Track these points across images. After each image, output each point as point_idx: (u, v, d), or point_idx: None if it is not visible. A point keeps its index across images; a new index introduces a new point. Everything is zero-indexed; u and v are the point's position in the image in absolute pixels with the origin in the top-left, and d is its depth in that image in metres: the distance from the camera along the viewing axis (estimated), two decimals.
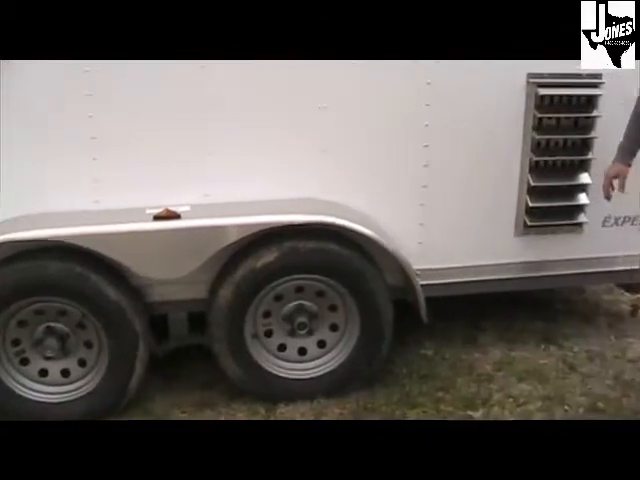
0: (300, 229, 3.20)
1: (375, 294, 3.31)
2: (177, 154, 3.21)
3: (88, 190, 3.21)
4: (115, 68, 3.06)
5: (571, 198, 3.72)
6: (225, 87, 3.18)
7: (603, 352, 3.93)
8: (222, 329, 3.25)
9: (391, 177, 3.43)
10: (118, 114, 3.14)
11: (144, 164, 3.20)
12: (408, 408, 3.37)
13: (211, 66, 3.11)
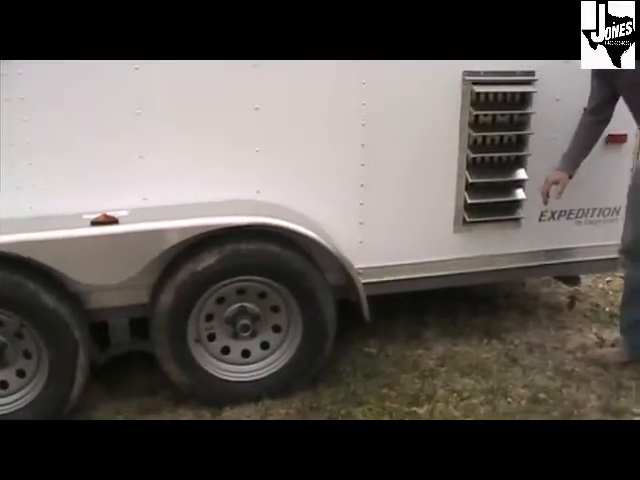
0: (240, 231, 3.19)
1: (317, 294, 3.32)
2: (112, 158, 3.15)
3: (23, 196, 3.13)
4: (49, 70, 3.00)
5: (508, 194, 3.78)
6: (159, 89, 3.14)
7: (543, 344, 4.00)
8: (164, 334, 3.21)
9: (329, 177, 3.44)
10: (53, 118, 3.07)
11: (80, 169, 3.14)
12: (353, 406, 3.38)
13: (145, 67, 3.07)
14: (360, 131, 3.41)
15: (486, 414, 3.37)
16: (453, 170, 3.63)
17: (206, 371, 3.36)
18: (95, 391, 3.40)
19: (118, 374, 3.54)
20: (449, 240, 3.73)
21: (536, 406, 3.44)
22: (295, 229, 3.22)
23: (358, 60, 3.27)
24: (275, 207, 3.33)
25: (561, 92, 3.68)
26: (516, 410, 3.41)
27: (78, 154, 3.13)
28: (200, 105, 3.20)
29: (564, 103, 3.70)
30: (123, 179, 3.18)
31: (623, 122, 3.78)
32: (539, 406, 3.44)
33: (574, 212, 3.94)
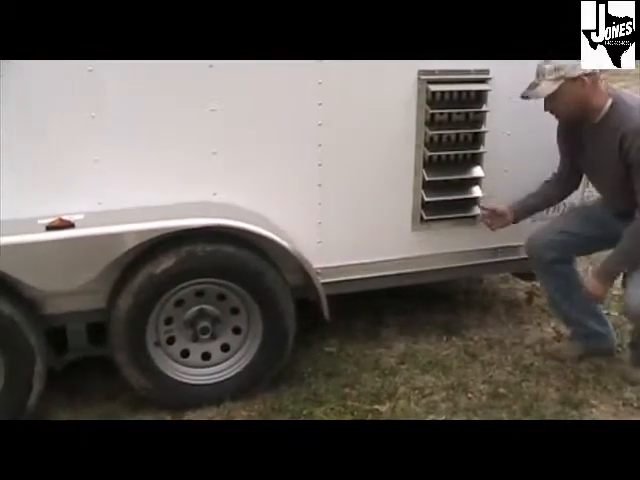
0: (198, 233, 3.17)
1: (276, 294, 3.31)
2: (66, 162, 3.11)
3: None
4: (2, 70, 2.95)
5: (465, 191, 3.81)
6: (113, 90, 3.10)
7: (502, 339, 4.04)
8: (123, 338, 3.18)
9: (286, 177, 3.43)
10: (5, 120, 3.02)
11: (33, 173, 3.09)
12: (315, 406, 3.38)
13: (99, 69, 3.03)
14: (317, 131, 3.41)
15: (447, 410, 3.40)
16: (410, 168, 3.64)
17: (166, 375, 3.34)
18: (53, 398, 3.35)
19: (76, 380, 3.50)
20: (407, 238, 3.74)
21: (496, 401, 3.48)
22: (252, 230, 3.21)
23: (314, 60, 3.27)
24: (232, 208, 3.31)
25: (515, 90, 3.70)
26: (477, 405, 3.45)
27: (31, 158, 3.08)
28: (155, 107, 3.17)
29: (518, 101, 3.72)
30: (78, 183, 3.14)
31: None
32: (499, 401, 3.48)
33: None
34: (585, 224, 3.66)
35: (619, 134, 3.24)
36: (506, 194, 3.80)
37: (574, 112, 3.36)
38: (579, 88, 3.26)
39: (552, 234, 3.67)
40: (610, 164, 3.35)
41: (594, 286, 3.42)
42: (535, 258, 3.76)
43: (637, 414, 3.40)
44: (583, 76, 3.24)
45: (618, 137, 3.25)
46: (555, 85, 3.25)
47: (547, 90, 3.27)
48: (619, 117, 3.28)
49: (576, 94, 3.27)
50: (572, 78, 3.23)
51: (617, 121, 3.28)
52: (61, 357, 3.28)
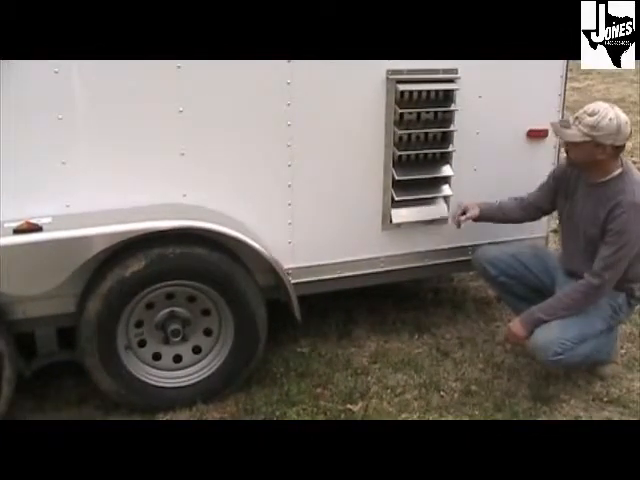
0: (167, 235, 3.16)
1: (247, 296, 3.30)
2: (34, 164, 3.07)
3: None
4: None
5: (435, 190, 3.82)
6: (80, 92, 3.06)
7: (473, 337, 4.06)
8: (93, 343, 3.15)
9: (256, 178, 3.42)
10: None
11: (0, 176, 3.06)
12: (288, 407, 3.38)
13: (65, 69, 2.99)
14: (286, 131, 3.40)
15: (420, 408, 3.42)
16: (380, 168, 3.65)
17: (137, 378, 3.32)
18: (23, 404, 3.32)
19: (47, 385, 3.47)
20: (378, 238, 3.75)
21: (468, 398, 3.51)
22: (222, 231, 3.20)
23: (282, 60, 3.27)
24: (202, 210, 3.30)
25: (483, 89, 3.74)
26: (449, 403, 3.47)
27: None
28: (122, 108, 3.14)
29: (486, 100, 3.76)
30: (45, 186, 3.10)
31: (543, 117, 3.87)
32: (471, 398, 3.51)
33: None
34: (536, 261, 3.75)
35: (614, 201, 3.29)
36: (475, 192, 3.83)
37: (583, 165, 3.40)
38: (600, 153, 3.29)
39: (501, 253, 3.77)
40: (590, 223, 3.40)
41: (518, 329, 3.44)
42: (479, 270, 3.90)
43: (607, 408, 3.45)
44: (609, 146, 3.27)
45: (612, 203, 3.30)
46: (581, 138, 3.26)
47: (572, 138, 3.30)
48: (622, 186, 3.33)
49: (593, 156, 3.31)
50: (599, 143, 3.26)
51: (618, 189, 3.32)
52: (30, 362, 3.25)
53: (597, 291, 3.35)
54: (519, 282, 3.74)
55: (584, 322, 3.38)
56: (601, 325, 3.45)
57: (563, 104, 3.98)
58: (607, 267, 3.32)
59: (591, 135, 3.24)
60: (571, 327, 3.34)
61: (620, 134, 3.25)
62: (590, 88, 10.73)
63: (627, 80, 11.11)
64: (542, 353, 3.34)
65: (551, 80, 3.91)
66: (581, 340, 3.34)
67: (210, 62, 3.15)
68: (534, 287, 3.73)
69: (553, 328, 3.34)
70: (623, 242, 3.28)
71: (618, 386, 3.61)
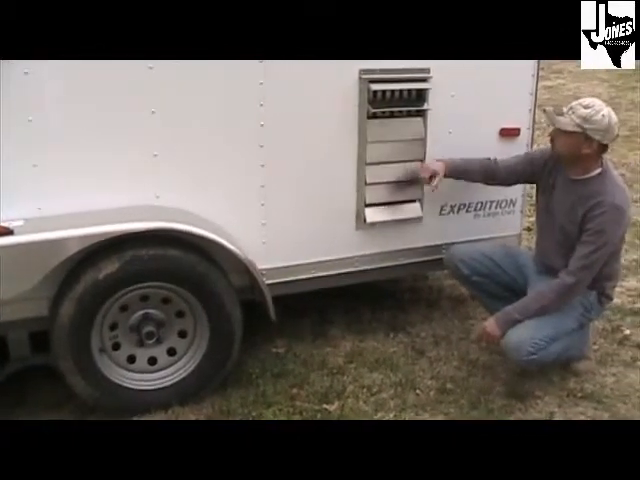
0: (141, 237, 3.14)
1: (221, 297, 3.29)
2: (4, 167, 3.01)
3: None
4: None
5: (408, 190, 3.83)
6: (51, 93, 3.04)
7: (448, 335, 4.08)
8: (67, 346, 3.13)
9: (229, 179, 3.41)
10: None
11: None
12: (264, 408, 3.38)
13: (35, 70, 2.96)
14: (259, 132, 3.40)
15: (396, 407, 3.42)
16: (353, 168, 3.66)
17: (112, 381, 3.29)
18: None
19: (22, 390, 3.44)
20: (352, 237, 3.76)
21: (444, 396, 3.52)
22: (195, 232, 3.19)
23: (255, 60, 3.27)
24: (175, 211, 3.29)
25: (456, 88, 3.76)
26: (425, 401, 3.48)
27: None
28: (95, 110, 3.12)
29: (459, 99, 3.78)
30: (16, 188, 3.06)
31: (515, 116, 3.91)
32: (447, 396, 3.52)
33: (473, 205, 4.03)
34: (508, 260, 3.78)
35: (594, 200, 3.33)
36: (448, 192, 3.85)
37: (566, 157, 3.43)
38: (586, 147, 3.32)
39: (473, 252, 3.79)
40: (568, 218, 3.45)
41: (493, 329, 3.46)
42: (451, 270, 3.92)
43: (581, 404, 3.47)
44: (596, 142, 3.30)
45: (592, 202, 3.33)
46: (572, 128, 3.29)
47: (564, 126, 3.32)
48: (602, 187, 3.37)
49: (579, 149, 3.34)
50: (588, 137, 3.29)
51: (598, 189, 3.36)
52: (4, 368, 3.22)
53: (571, 290, 3.39)
54: (492, 281, 3.76)
55: (556, 321, 3.42)
56: (573, 323, 3.49)
57: (535, 103, 4.01)
58: (583, 267, 3.35)
59: (582, 127, 3.27)
60: (544, 326, 3.37)
61: (609, 132, 3.30)
62: (561, 87, 10.80)
63: (598, 79, 11.20)
64: (515, 353, 3.37)
65: (523, 79, 3.94)
66: (553, 339, 3.38)
67: (182, 62, 3.13)
68: (507, 285, 3.75)
69: (526, 328, 3.37)
70: (601, 242, 3.32)
71: (592, 382, 3.64)
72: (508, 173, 3.76)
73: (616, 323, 4.19)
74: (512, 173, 3.76)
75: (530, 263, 3.74)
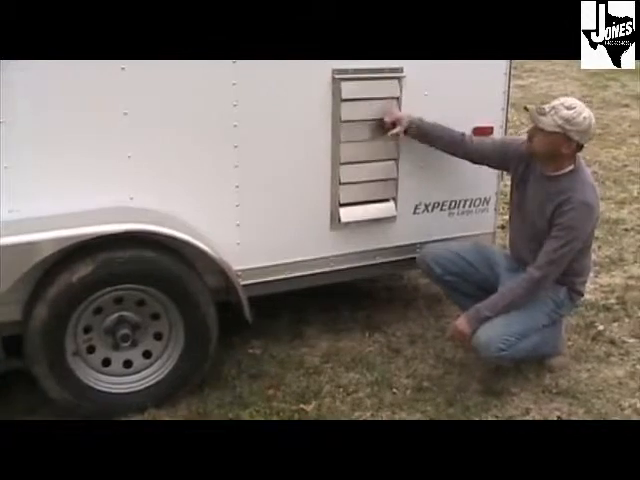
0: (115, 239, 3.11)
1: (197, 298, 3.28)
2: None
3: None
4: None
5: (382, 190, 3.85)
6: (22, 94, 3.00)
7: (424, 334, 4.09)
8: (40, 350, 3.10)
9: (203, 179, 3.39)
10: None
11: None
12: (241, 409, 3.38)
13: (6, 69, 2.91)
14: (232, 132, 3.39)
15: (373, 406, 3.44)
16: (327, 168, 3.66)
17: (87, 385, 3.27)
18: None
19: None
20: (327, 237, 3.76)
21: (421, 394, 3.54)
22: (170, 233, 3.17)
23: (228, 61, 3.26)
24: (150, 213, 3.27)
25: (429, 87, 3.77)
26: (402, 400, 3.50)
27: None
28: (67, 111, 3.09)
29: (432, 98, 3.79)
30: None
31: (488, 115, 3.92)
32: (424, 394, 3.54)
33: (447, 204, 4.04)
34: (479, 258, 3.80)
35: (564, 196, 3.36)
36: (422, 191, 3.87)
37: (543, 155, 3.44)
38: (565, 147, 3.34)
39: (444, 251, 3.81)
40: (538, 214, 3.48)
41: (463, 327, 3.47)
42: (424, 270, 3.94)
43: (556, 399, 3.51)
44: (575, 143, 3.33)
45: (562, 198, 3.36)
46: (553, 129, 3.31)
47: (546, 126, 3.32)
48: (573, 184, 3.40)
49: (559, 148, 3.35)
50: (568, 137, 3.31)
51: (569, 186, 3.39)
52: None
53: (538, 284, 3.42)
54: (464, 280, 3.78)
55: (527, 317, 3.45)
56: (544, 320, 3.52)
57: (507, 101, 4.03)
58: (551, 262, 3.38)
59: (564, 128, 3.29)
60: (514, 323, 3.40)
61: (588, 134, 3.34)
62: (534, 85, 10.86)
63: (570, 77, 11.28)
64: (485, 350, 3.40)
65: (495, 78, 3.96)
66: (524, 335, 3.41)
67: (155, 63, 3.12)
68: (479, 284, 3.77)
69: (496, 325, 3.39)
70: (570, 238, 3.35)
71: (567, 377, 3.67)
72: (478, 153, 3.75)
73: (590, 319, 4.23)
74: (482, 155, 3.76)
75: (502, 261, 3.76)
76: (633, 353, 3.91)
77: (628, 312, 4.34)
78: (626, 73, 10.61)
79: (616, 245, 5.28)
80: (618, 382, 3.65)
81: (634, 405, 3.46)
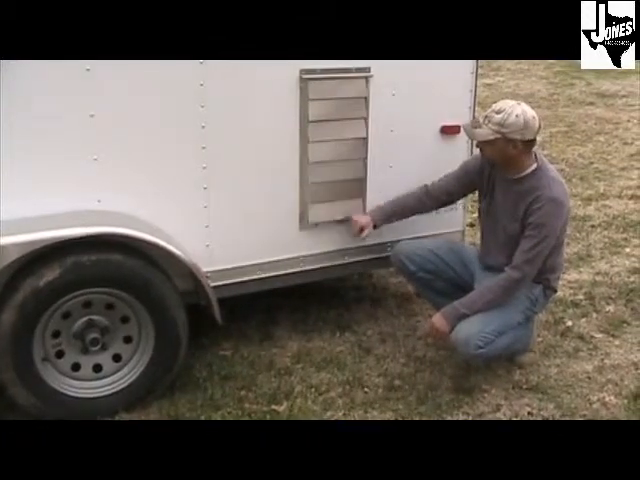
0: (82, 242, 3.09)
1: (166, 301, 3.26)
2: None
3: None
4: None
5: (351, 190, 3.86)
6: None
7: (394, 332, 4.10)
8: (8, 357, 3.06)
9: (170, 181, 3.37)
10: None
11: None
12: (212, 411, 3.36)
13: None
14: (200, 133, 3.37)
15: (344, 406, 3.43)
16: (295, 167, 3.65)
17: (57, 391, 3.23)
18: None
19: None
20: (296, 237, 3.76)
21: (392, 393, 3.54)
22: (137, 236, 3.15)
23: (194, 61, 3.24)
24: (117, 215, 3.24)
25: (396, 87, 3.78)
26: (373, 399, 3.50)
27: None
28: (32, 113, 3.05)
29: (400, 97, 3.80)
30: None
31: (456, 114, 3.94)
32: (395, 393, 3.55)
33: None
34: (453, 256, 3.82)
35: (533, 196, 3.39)
36: (391, 190, 3.87)
37: (499, 162, 3.48)
38: (511, 149, 3.37)
39: (418, 249, 3.81)
40: (510, 219, 3.50)
41: (441, 324, 3.49)
42: (397, 267, 3.93)
43: (526, 395, 3.53)
44: (519, 141, 3.35)
45: (530, 198, 3.39)
46: (491, 136, 3.35)
47: (483, 137, 3.38)
48: (539, 182, 3.43)
49: (506, 152, 3.39)
50: (510, 139, 3.34)
51: (536, 184, 3.42)
52: None
53: (517, 284, 3.44)
54: (438, 277, 3.79)
55: (503, 315, 3.46)
56: (519, 317, 3.54)
57: (474, 100, 4.06)
58: (527, 261, 3.41)
59: (500, 132, 3.32)
60: (491, 321, 3.42)
61: (528, 129, 3.34)
62: (501, 84, 10.96)
63: (536, 76, 11.39)
64: (464, 347, 3.41)
65: (462, 77, 3.98)
66: (500, 332, 3.42)
67: (121, 64, 3.10)
68: (453, 281, 3.79)
69: (474, 322, 3.41)
70: (543, 235, 3.37)
71: (536, 373, 3.70)
72: (444, 191, 3.79)
73: (558, 315, 4.27)
74: (449, 192, 3.80)
75: (475, 259, 3.78)
76: (601, 348, 3.95)
77: (596, 307, 4.38)
78: (590, 71, 10.73)
79: (583, 242, 5.34)
80: (587, 377, 3.69)
81: (602, 399, 3.50)
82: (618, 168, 7.11)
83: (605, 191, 6.45)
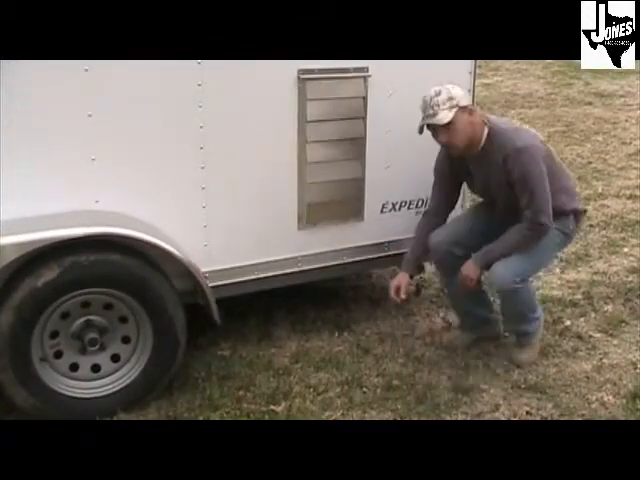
0: (80, 242, 3.09)
1: (164, 301, 3.26)
2: None
3: None
4: None
5: (349, 189, 3.85)
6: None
7: (393, 332, 4.10)
8: (6, 357, 3.06)
9: (169, 181, 3.38)
10: None
11: None
12: (211, 411, 3.36)
13: None
14: (198, 134, 3.37)
15: (343, 406, 3.43)
16: (294, 168, 3.65)
17: (55, 390, 3.24)
18: None
19: None
20: (294, 237, 3.76)
21: (391, 393, 3.54)
22: (135, 236, 3.16)
23: (193, 61, 3.24)
24: (115, 215, 3.25)
25: (394, 87, 3.78)
26: (372, 399, 3.50)
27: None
28: (30, 113, 3.06)
29: (397, 98, 3.80)
30: None
31: None
32: (394, 392, 3.55)
33: (414, 202, 4.06)
34: (484, 220, 3.80)
35: (500, 157, 3.41)
36: (388, 189, 3.87)
37: (464, 142, 3.47)
38: (467, 116, 3.41)
39: (460, 230, 3.77)
40: (499, 187, 3.52)
41: (472, 270, 3.54)
42: (439, 257, 3.80)
43: (525, 395, 3.53)
44: (468, 107, 3.42)
45: (501, 161, 3.41)
46: (451, 113, 3.36)
47: (446, 118, 3.37)
48: (498, 142, 3.45)
49: (470, 123, 3.42)
50: (462, 107, 3.38)
51: (497, 146, 3.44)
52: None
53: (545, 231, 3.48)
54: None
55: (539, 255, 3.59)
56: (554, 253, 3.85)
57: (473, 100, 4.05)
58: (538, 212, 3.43)
59: (454, 105, 3.37)
60: (527, 262, 3.53)
61: (465, 94, 3.49)
62: (499, 84, 10.94)
63: (534, 76, 11.38)
64: (500, 280, 3.51)
65: (460, 77, 3.97)
66: (535, 272, 3.70)
67: (119, 64, 3.10)
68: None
69: (510, 260, 3.48)
70: (531, 185, 3.40)
71: (535, 373, 3.70)
72: (445, 205, 3.83)
73: (557, 315, 4.27)
74: (448, 202, 3.83)
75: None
76: (600, 348, 3.95)
77: (594, 307, 4.39)
78: (588, 71, 10.73)
79: (581, 241, 5.33)
80: (585, 376, 3.69)
81: (601, 399, 3.50)
82: (616, 168, 7.10)
83: (603, 191, 6.45)
